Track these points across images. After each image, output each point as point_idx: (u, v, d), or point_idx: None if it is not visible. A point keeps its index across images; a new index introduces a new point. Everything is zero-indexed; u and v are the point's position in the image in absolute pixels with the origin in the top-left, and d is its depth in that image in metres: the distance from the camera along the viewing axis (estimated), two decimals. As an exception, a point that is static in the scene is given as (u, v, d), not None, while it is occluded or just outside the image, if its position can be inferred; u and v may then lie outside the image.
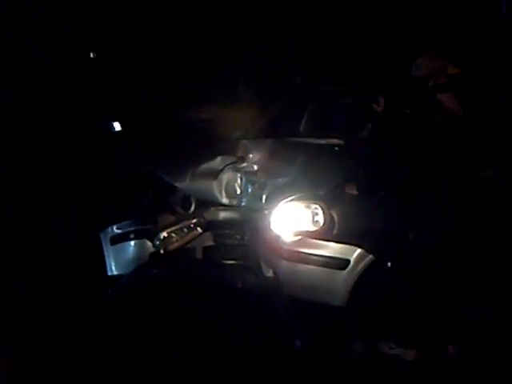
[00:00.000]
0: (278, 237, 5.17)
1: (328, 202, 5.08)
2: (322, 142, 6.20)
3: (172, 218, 5.64)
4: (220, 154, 5.83)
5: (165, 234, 5.51)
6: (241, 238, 5.55)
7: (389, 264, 4.90)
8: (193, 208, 5.70)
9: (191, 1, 8.62)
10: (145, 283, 5.54)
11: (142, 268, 5.55)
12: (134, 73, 8.02)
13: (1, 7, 7.61)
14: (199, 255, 5.64)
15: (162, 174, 5.78)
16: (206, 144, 6.03)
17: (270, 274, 5.22)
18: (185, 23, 8.50)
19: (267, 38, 8.33)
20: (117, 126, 7.18)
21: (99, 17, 8.10)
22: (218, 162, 5.78)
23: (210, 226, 5.61)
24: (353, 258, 4.90)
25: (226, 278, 5.42)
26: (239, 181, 5.70)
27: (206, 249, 5.63)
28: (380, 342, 4.88)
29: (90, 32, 8.02)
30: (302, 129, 6.87)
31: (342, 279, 4.90)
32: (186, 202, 5.71)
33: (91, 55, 8.13)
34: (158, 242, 5.50)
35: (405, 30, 7.85)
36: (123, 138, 7.07)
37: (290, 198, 5.20)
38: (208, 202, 5.72)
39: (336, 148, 5.99)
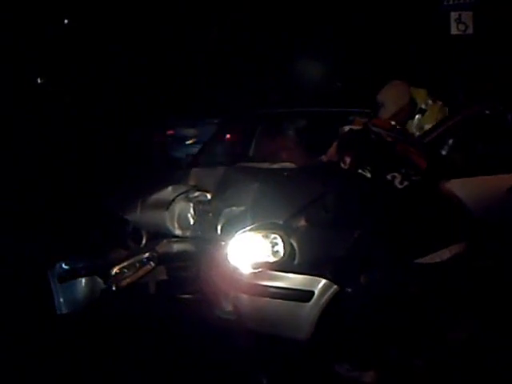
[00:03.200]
0: (237, 269, 4.94)
1: (288, 230, 4.88)
2: (275, 166, 6.06)
3: (123, 253, 5.39)
4: (171, 183, 5.60)
5: (116, 269, 5.24)
6: (196, 270, 5.32)
7: (353, 293, 4.71)
8: (144, 241, 5.46)
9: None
10: (96, 322, 5.30)
11: (94, 306, 5.29)
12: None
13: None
14: (152, 290, 5.38)
15: (111, 206, 5.54)
16: (156, 173, 5.82)
17: (229, 308, 4.99)
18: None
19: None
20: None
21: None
22: (169, 191, 5.56)
23: (162, 259, 5.36)
24: (317, 289, 4.69)
25: (182, 313, 5.20)
26: (192, 211, 5.49)
27: (159, 283, 5.37)
28: (336, 365, 4.68)
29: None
30: (252, 153, 6.72)
31: (307, 312, 4.69)
32: (136, 235, 5.47)
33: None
34: (109, 279, 5.23)
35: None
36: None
37: (248, 228, 4.99)
38: (160, 235, 5.49)
39: (285, 173, 5.84)
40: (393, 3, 13.82)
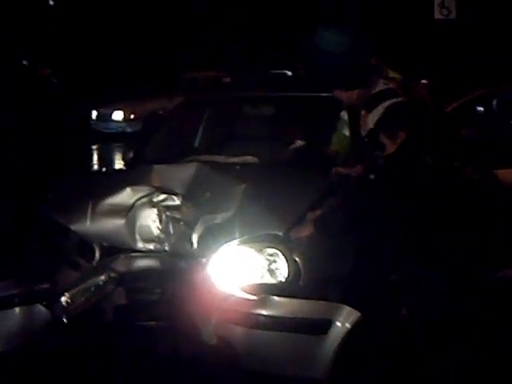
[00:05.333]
0: (223, 293, 3.96)
1: (289, 244, 3.92)
2: (234, 160, 5.14)
3: (73, 275, 4.27)
4: (128, 183, 4.51)
5: (67, 297, 4.12)
6: (162, 292, 4.27)
7: (379, 322, 3.79)
8: (97, 257, 4.36)
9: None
10: (39, 362, 4.19)
11: (34, 342, 4.18)
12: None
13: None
14: (109, 317, 4.29)
15: (53, 214, 4.41)
16: (110, 172, 4.70)
17: (212, 341, 3.98)
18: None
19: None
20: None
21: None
22: (126, 194, 4.45)
23: (121, 279, 4.28)
24: (336, 317, 3.75)
25: (145, 344, 4.16)
26: (157, 218, 4.42)
27: (117, 309, 4.29)
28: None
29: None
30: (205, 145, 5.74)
31: (324, 346, 3.74)
32: (86, 250, 4.37)
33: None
34: (58, 309, 4.11)
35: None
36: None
37: (236, 241, 4.02)
38: (117, 249, 4.40)
39: (238, 167, 4.93)
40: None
